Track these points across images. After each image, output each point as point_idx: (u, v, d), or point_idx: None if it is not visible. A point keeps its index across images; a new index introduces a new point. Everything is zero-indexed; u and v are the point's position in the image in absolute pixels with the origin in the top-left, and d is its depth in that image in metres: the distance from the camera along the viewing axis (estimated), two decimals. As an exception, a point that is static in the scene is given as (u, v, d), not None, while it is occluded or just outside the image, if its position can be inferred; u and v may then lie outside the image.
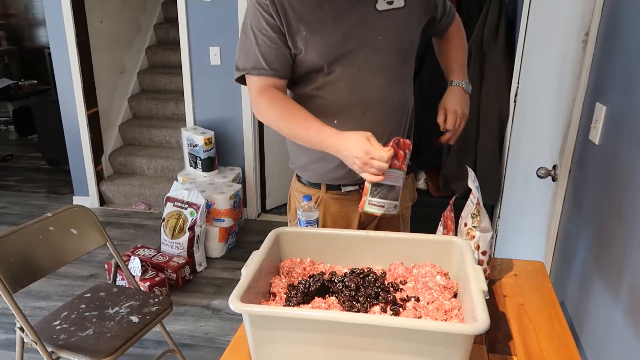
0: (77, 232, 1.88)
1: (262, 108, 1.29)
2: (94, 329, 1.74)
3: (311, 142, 1.24)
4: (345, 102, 1.30)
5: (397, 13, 1.28)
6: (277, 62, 1.25)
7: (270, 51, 1.24)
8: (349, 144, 1.13)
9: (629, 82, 1.11)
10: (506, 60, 2.66)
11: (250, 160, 3.58)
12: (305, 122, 1.22)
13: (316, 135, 1.20)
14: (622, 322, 1.02)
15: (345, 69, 1.27)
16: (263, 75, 1.26)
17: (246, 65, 1.27)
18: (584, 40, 1.38)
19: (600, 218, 1.23)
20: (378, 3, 1.26)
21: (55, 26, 3.49)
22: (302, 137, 1.25)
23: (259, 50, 1.24)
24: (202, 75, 3.47)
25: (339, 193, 1.41)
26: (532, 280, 1.28)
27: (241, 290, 0.91)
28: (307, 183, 1.44)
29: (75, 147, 3.77)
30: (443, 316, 0.95)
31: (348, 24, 1.24)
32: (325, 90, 1.30)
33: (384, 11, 1.26)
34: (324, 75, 1.28)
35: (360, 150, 1.10)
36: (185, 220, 2.93)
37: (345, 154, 1.15)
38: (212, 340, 2.39)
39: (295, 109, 1.25)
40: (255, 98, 1.28)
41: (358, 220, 1.44)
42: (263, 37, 1.24)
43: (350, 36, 1.25)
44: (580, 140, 1.42)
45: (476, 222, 1.17)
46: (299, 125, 1.23)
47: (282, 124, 1.27)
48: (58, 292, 2.79)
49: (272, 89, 1.27)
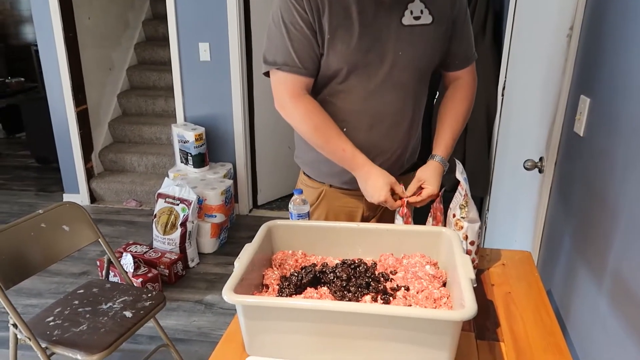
0: (69, 229, 1.88)
1: (294, 113, 1.27)
2: (87, 324, 1.75)
3: (341, 160, 1.28)
4: (355, 112, 1.29)
5: (422, 29, 1.25)
6: (309, 60, 1.23)
7: (302, 48, 1.21)
8: (376, 182, 1.26)
9: (611, 74, 1.14)
10: (494, 54, 2.69)
11: (241, 156, 3.58)
12: (341, 142, 1.27)
13: (350, 157, 1.27)
14: (605, 309, 1.06)
15: (360, 79, 1.26)
16: (294, 73, 1.23)
17: (277, 60, 1.23)
18: (569, 34, 1.41)
19: (584, 208, 1.26)
20: (404, 17, 1.23)
21: (43, 23, 3.46)
22: (335, 154, 1.28)
23: (292, 46, 1.21)
24: (191, 72, 3.46)
25: (343, 188, 1.41)
26: (520, 269, 1.31)
27: (234, 282, 0.92)
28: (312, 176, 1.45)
29: (64, 144, 3.75)
30: (432, 304, 0.97)
31: (371, 35, 1.22)
32: (337, 98, 1.29)
33: (408, 26, 1.23)
34: (339, 82, 1.27)
35: (383, 194, 1.25)
36: (177, 216, 2.93)
37: (368, 185, 1.26)
38: (206, 334, 2.41)
39: (331, 126, 1.27)
40: (287, 100, 1.26)
41: (361, 215, 1.45)
42: (296, 32, 1.20)
43: (372, 48, 1.23)
44: (566, 133, 1.45)
45: (464, 213, 1.20)
46: (335, 144, 1.27)
47: (315, 135, 1.28)
48: (50, 290, 2.78)
49: (307, 96, 1.26)
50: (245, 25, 3.38)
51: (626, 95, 1.05)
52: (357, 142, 1.29)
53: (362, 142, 1.30)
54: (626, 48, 1.07)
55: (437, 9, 1.25)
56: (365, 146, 1.31)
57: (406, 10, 1.23)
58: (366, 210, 1.44)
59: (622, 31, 1.10)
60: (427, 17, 1.24)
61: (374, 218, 1.48)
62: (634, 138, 0.99)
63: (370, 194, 1.27)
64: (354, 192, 1.40)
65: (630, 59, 1.04)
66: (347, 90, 1.27)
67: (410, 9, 1.23)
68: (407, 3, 1.23)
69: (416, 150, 1.45)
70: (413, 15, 1.23)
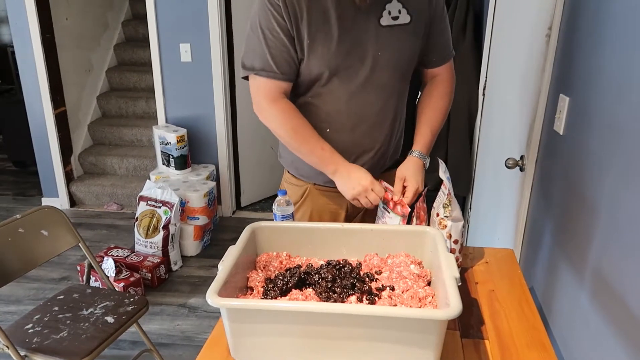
0: (48, 234, 1.84)
1: (272, 116, 1.28)
2: (68, 330, 1.72)
3: (321, 160, 1.28)
4: (337, 113, 1.30)
5: (401, 29, 1.26)
6: (286, 65, 1.24)
7: (280, 54, 1.22)
8: (359, 172, 1.27)
9: (589, 73, 1.16)
10: (474, 54, 2.72)
11: (224, 158, 3.56)
12: (320, 142, 1.27)
13: (329, 156, 1.28)
14: (587, 305, 1.07)
15: (342, 81, 1.26)
16: (272, 78, 1.25)
17: (254, 65, 1.25)
18: (548, 34, 1.43)
19: (565, 205, 1.27)
20: (382, 18, 1.24)
21: (19, 24, 3.39)
22: (313, 154, 1.28)
23: (269, 52, 1.22)
24: (172, 73, 3.43)
25: (327, 187, 1.41)
26: (503, 267, 1.32)
27: (218, 285, 0.91)
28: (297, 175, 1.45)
29: (42, 147, 3.67)
30: (417, 304, 0.97)
31: (351, 38, 1.23)
32: (319, 100, 1.30)
33: (387, 27, 1.24)
34: (321, 85, 1.28)
35: (368, 180, 1.25)
36: (159, 219, 2.90)
37: (351, 178, 1.26)
38: (190, 338, 2.38)
39: (308, 128, 1.28)
40: (264, 104, 1.27)
41: (345, 214, 1.45)
42: (273, 38, 1.21)
43: (352, 51, 1.23)
44: (546, 131, 1.47)
45: (448, 212, 1.20)
46: (314, 145, 1.27)
47: (293, 138, 1.28)
48: (29, 296, 2.72)
49: (284, 99, 1.27)
50: (227, 25, 3.36)
51: (604, 94, 1.06)
52: (340, 143, 1.30)
53: (345, 142, 1.31)
54: (603, 47, 1.09)
55: (415, 8, 1.26)
56: (349, 146, 1.32)
57: (384, 11, 1.24)
58: (350, 209, 1.45)
59: (598, 31, 1.12)
60: (405, 16, 1.25)
61: (356, 218, 1.48)
62: (611, 135, 1.01)
63: (354, 184, 1.26)
64: (337, 191, 1.40)
65: (607, 58, 1.06)
66: (329, 92, 1.28)
67: (388, 10, 1.24)
68: (385, 4, 1.24)
69: (398, 148, 1.46)
70: (391, 15, 1.24)
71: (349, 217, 1.46)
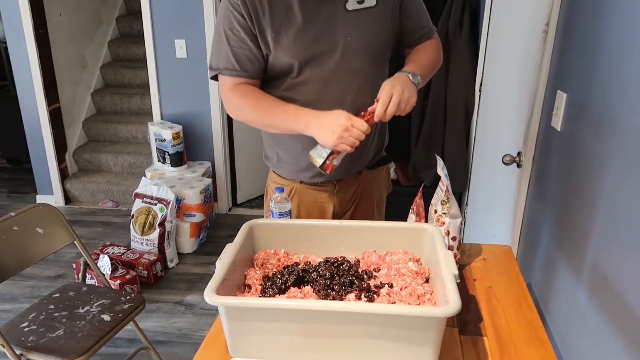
0: (43, 232, 1.83)
1: (234, 103, 1.29)
2: (64, 329, 1.71)
3: (289, 121, 1.24)
4: (314, 103, 1.28)
5: (368, 13, 1.26)
6: (248, 63, 1.25)
7: (242, 52, 1.24)
8: (332, 115, 1.19)
9: (586, 70, 1.16)
10: (471, 50, 2.71)
11: (219, 154, 3.55)
12: (282, 105, 1.24)
13: (294, 113, 1.23)
14: (584, 302, 1.07)
15: (314, 71, 1.26)
16: (236, 77, 1.27)
17: (219, 65, 1.27)
18: (545, 30, 1.43)
19: (562, 202, 1.27)
20: (348, 3, 1.24)
21: (11, 19, 3.35)
22: (280, 119, 1.25)
23: (231, 51, 1.24)
24: (168, 69, 3.40)
25: (313, 184, 1.42)
26: (500, 263, 1.32)
27: (216, 283, 0.91)
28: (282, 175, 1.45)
29: (37, 144, 3.65)
30: (416, 301, 0.97)
31: (317, 25, 1.23)
32: (294, 92, 1.29)
33: (353, 11, 1.24)
34: (294, 77, 1.27)
35: (344, 117, 1.17)
36: (155, 216, 2.89)
37: (326, 120, 1.18)
38: (187, 336, 2.38)
39: (268, 98, 1.26)
40: (227, 95, 1.29)
41: (332, 211, 1.45)
42: (235, 37, 1.23)
43: (320, 38, 1.24)
44: (543, 127, 1.47)
45: (446, 208, 1.20)
46: (274, 109, 1.24)
47: (257, 113, 1.27)
48: (24, 294, 2.71)
49: (243, 84, 1.28)
50: (222, 21, 3.33)
51: (601, 90, 1.06)
52: None
53: None
54: (601, 44, 1.08)
55: None
56: None
57: None
58: (337, 206, 1.45)
59: (596, 27, 1.12)
60: (371, 0, 1.25)
61: (346, 215, 1.48)
62: (609, 131, 1.01)
63: (332, 128, 1.16)
64: (324, 188, 1.42)
65: (605, 54, 1.06)
66: (303, 83, 1.28)
67: None
68: None
69: (383, 140, 1.45)
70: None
71: (337, 212, 1.46)
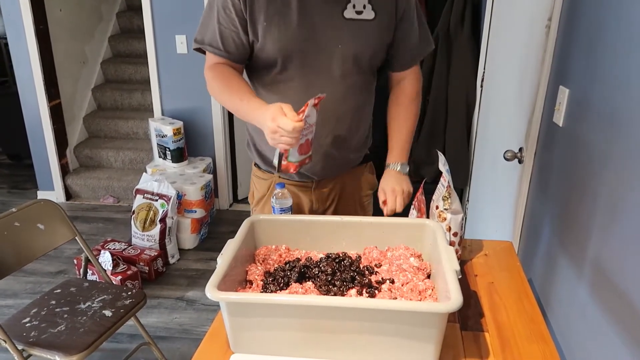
0: (44, 227, 1.83)
1: (208, 81, 1.29)
2: (65, 324, 1.71)
3: (244, 112, 1.22)
4: (297, 104, 1.28)
5: (364, 24, 1.24)
6: (232, 45, 1.25)
7: (228, 33, 1.24)
8: (262, 115, 1.11)
9: (589, 65, 1.15)
10: (472, 46, 2.71)
11: (220, 150, 3.54)
12: (240, 92, 1.22)
13: (247, 105, 1.20)
14: (585, 297, 1.07)
15: (298, 70, 1.25)
16: (216, 55, 1.27)
17: (204, 39, 1.28)
18: (547, 25, 1.42)
19: (564, 198, 1.27)
20: (346, 10, 1.23)
21: (12, 15, 3.35)
22: (237, 107, 1.24)
23: (218, 29, 1.24)
24: (168, 65, 3.40)
25: (292, 180, 1.41)
26: (502, 259, 1.32)
27: (217, 278, 0.91)
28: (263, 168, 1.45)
29: (37, 140, 3.65)
30: (417, 297, 0.97)
31: (310, 25, 1.22)
32: (278, 90, 1.29)
33: (350, 20, 1.23)
34: (278, 72, 1.26)
35: (269, 119, 1.08)
36: (156, 212, 2.89)
37: (261, 123, 1.13)
38: (188, 331, 2.38)
39: (236, 82, 1.24)
40: (205, 71, 1.30)
41: (309, 207, 1.45)
42: (225, 16, 1.23)
43: (310, 38, 1.22)
44: (545, 123, 1.46)
45: (447, 204, 1.20)
46: (235, 95, 1.23)
47: (223, 96, 1.28)
48: (26, 290, 2.71)
49: (222, 65, 1.27)
50: (223, 17, 3.32)
51: (604, 85, 1.06)
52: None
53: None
54: (603, 39, 1.08)
55: (380, 7, 1.25)
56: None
57: (349, 4, 1.23)
58: (315, 203, 1.45)
59: (599, 22, 1.11)
60: (370, 12, 1.24)
61: (326, 212, 1.47)
62: (611, 127, 1.00)
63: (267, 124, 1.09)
64: (302, 184, 1.42)
65: (607, 50, 1.05)
66: (287, 81, 1.28)
67: (353, 3, 1.23)
68: None
69: (366, 142, 1.45)
70: (355, 9, 1.23)
71: (315, 209, 1.45)
